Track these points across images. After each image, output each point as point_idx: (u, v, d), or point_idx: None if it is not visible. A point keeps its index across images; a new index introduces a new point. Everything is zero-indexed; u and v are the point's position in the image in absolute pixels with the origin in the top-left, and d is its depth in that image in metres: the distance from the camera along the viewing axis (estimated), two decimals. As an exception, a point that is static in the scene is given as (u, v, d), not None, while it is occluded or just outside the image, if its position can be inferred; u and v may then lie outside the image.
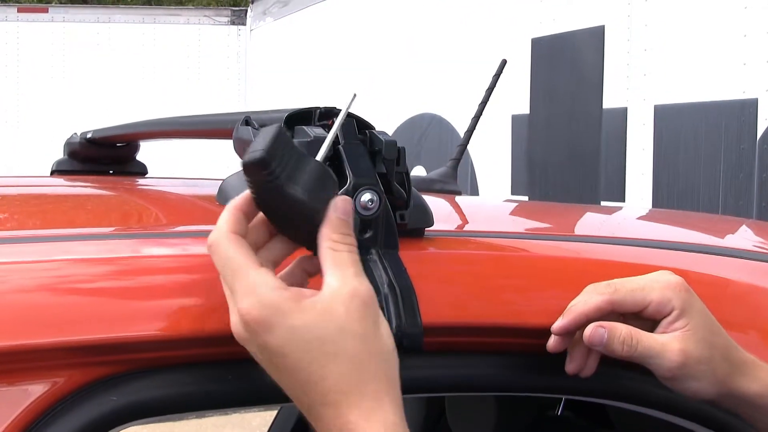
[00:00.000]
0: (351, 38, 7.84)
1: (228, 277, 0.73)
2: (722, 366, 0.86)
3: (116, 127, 1.55)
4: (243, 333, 0.72)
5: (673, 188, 4.42)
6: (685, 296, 0.86)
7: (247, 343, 0.73)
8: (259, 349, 0.72)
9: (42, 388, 0.74)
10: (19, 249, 0.82)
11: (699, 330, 0.86)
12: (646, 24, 4.60)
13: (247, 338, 0.73)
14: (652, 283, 0.87)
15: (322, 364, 0.71)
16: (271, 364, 0.73)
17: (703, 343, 0.85)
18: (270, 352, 0.72)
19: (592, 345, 0.86)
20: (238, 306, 0.72)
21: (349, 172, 0.84)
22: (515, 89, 5.31)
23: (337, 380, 0.71)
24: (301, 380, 0.72)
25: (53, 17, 9.96)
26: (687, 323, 0.85)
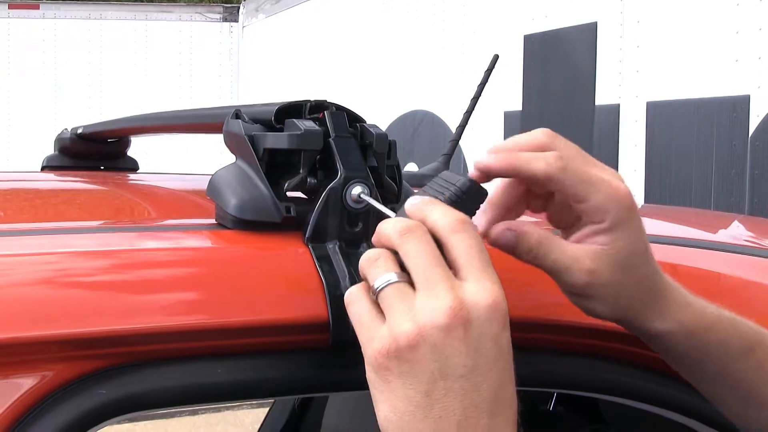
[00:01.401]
0: (343, 35, 7.84)
1: (482, 259, 0.68)
2: (633, 295, 0.79)
3: (106, 123, 1.55)
4: (483, 312, 0.66)
5: (665, 185, 4.43)
6: (624, 213, 0.77)
7: (470, 327, 0.65)
8: (484, 338, 0.65)
9: (31, 381, 0.74)
10: (6, 243, 0.82)
11: (620, 252, 0.77)
12: (639, 20, 4.60)
13: (481, 320, 0.66)
14: (602, 183, 0.76)
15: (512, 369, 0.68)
16: (483, 358, 0.66)
17: (618, 267, 0.77)
18: (497, 345, 0.66)
19: (498, 247, 0.78)
20: (494, 287, 0.67)
21: (339, 165, 0.84)
22: (508, 86, 5.32)
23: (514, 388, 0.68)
24: (504, 383, 0.67)
25: (44, 13, 9.94)
26: (610, 241, 0.77)
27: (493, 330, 0.66)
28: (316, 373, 0.84)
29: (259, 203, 0.85)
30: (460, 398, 0.65)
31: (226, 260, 0.84)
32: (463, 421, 0.65)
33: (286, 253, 0.85)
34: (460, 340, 0.65)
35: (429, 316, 0.65)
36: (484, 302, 0.66)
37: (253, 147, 0.86)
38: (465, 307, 0.65)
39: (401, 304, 0.67)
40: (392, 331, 0.66)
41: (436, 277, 0.67)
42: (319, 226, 0.84)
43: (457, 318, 0.65)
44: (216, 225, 0.88)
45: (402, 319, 0.66)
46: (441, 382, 0.65)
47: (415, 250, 0.68)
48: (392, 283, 0.68)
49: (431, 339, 0.65)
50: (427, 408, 0.65)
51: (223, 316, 0.79)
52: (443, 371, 0.65)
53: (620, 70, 4.70)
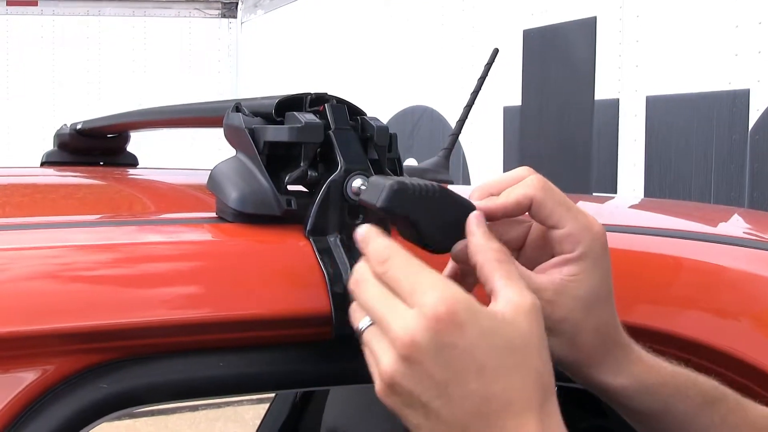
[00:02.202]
0: (342, 30, 7.83)
1: (407, 279, 0.69)
2: (589, 341, 0.77)
3: (105, 118, 1.54)
4: (423, 334, 0.66)
5: (665, 179, 4.43)
6: (596, 248, 0.76)
7: (421, 351, 0.66)
8: (439, 352, 0.66)
9: (32, 375, 0.74)
10: (6, 237, 0.82)
11: (584, 288, 0.76)
12: (638, 15, 4.60)
13: (427, 341, 0.66)
14: (579, 214, 0.77)
15: (511, 372, 0.67)
16: (446, 371, 0.66)
17: (579, 305, 0.76)
18: (454, 355, 0.66)
19: (458, 263, 0.79)
20: (424, 300, 0.67)
21: (339, 157, 0.84)
22: (507, 81, 5.31)
23: (521, 392, 0.67)
24: (481, 390, 0.66)
25: (43, 10, 9.92)
26: (576, 272, 0.76)
27: (446, 339, 0.67)
28: (318, 366, 0.84)
29: (260, 196, 0.85)
30: (452, 411, 0.67)
31: (227, 254, 0.84)
32: (464, 429, 0.67)
33: (287, 246, 0.84)
34: (422, 363, 0.67)
35: (389, 353, 0.68)
36: (424, 320, 0.67)
37: (254, 140, 0.86)
38: (409, 332, 0.67)
39: (375, 346, 0.70)
40: (378, 373, 0.69)
41: (382, 316, 0.69)
42: (319, 218, 0.84)
43: (408, 346, 0.67)
44: (217, 218, 0.88)
45: (378, 361, 0.69)
46: (431, 403, 0.67)
47: (363, 298, 0.72)
48: (365, 329, 0.72)
49: (401, 373, 0.67)
50: (434, 427, 0.68)
51: (224, 310, 0.79)
52: (426, 394, 0.67)
53: (620, 64, 4.69)
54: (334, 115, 0.86)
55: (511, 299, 0.69)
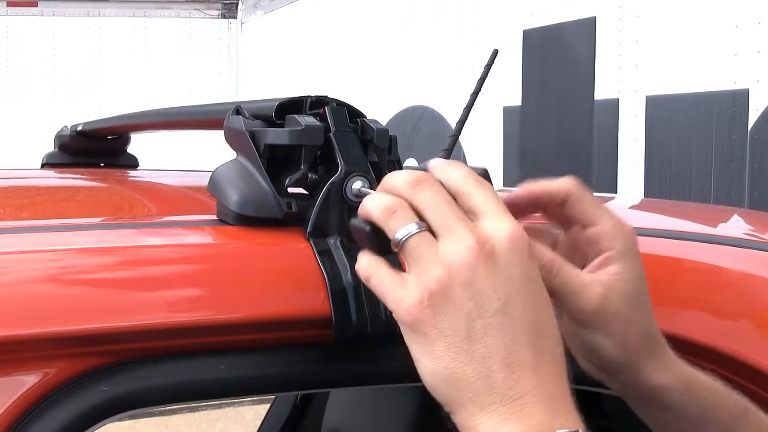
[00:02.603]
0: (342, 31, 7.84)
1: (497, 202, 0.69)
2: (638, 338, 0.77)
3: (106, 120, 1.55)
4: (510, 242, 0.66)
5: (665, 179, 4.43)
6: (631, 245, 0.77)
7: (504, 255, 0.66)
8: (512, 268, 0.66)
9: (33, 379, 0.74)
10: (6, 240, 0.82)
11: (628, 285, 0.76)
12: (638, 15, 4.60)
13: (510, 250, 0.66)
14: (611, 213, 0.78)
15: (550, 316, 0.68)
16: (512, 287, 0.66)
17: (627, 300, 0.76)
18: (526, 275, 0.66)
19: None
20: (509, 221, 0.67)
21: (340, 159, 0.84)
22: (507, 81, 5.31)
23: (555, 336, 0.68)
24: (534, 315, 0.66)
25: (43, 11, 9.93)
26: (620, 270, 0.76)
27: (518, 259, 0.67)
28: (319, 368, 0.84)
29: (260, 199, 0.85)
30: (501, 334, 0.65)
31: (227, 256, 0.84)
32: (506, 358, 0.65)
33: (288, 248, 0.85)
34: (489, 273, 0.65)
35: (454, 256, 0.66)
36: (505, 234, 0.67)
37: (254, 143, 0.86)
38: (487, 241, 0.66)
39: (427, 253, 0.67)
40: (422, 280, 0.67)
41: (455, 220, 0.67)
42: (320, 220, 0.84)
43: (482, 253, 0.66)
44: (217, 221, 0.88)
45: (431, 266, 0.66)
46: (478, 320, 0.65)
47: (429, 199, 0.69)
48: (415, 234, 0.68)
49: (461, 278, 0.65)
50: (469, 351, 0.65)
51: (224, 313, 0.79)
52: (479, 308, 0.65)
53: (619, 64, 4.70)
54: (334, 117, 0.86)
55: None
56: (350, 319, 0.80)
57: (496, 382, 0.65)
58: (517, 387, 0.64)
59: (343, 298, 0.81)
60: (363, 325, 0.81)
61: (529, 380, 0.65)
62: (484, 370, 0.65)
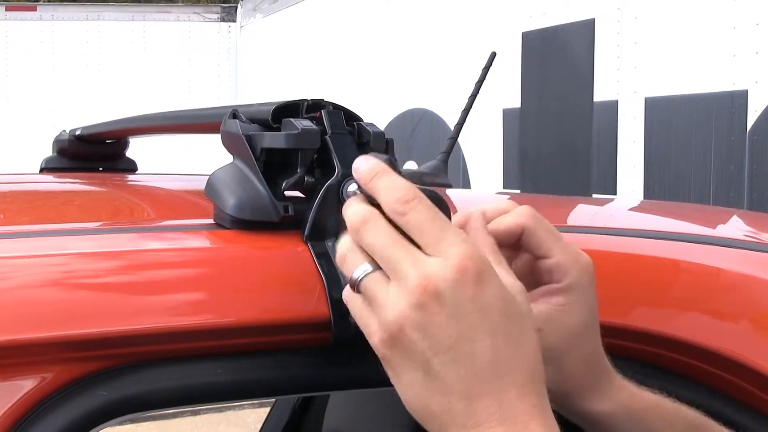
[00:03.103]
0: (341, 34, 7.84)
1: (433, 228, 0.67)
2: (576, 370, 0.78)
3: (104, 124, 1.55)
4: (446, 284, 0.65)
5: (664, 180, 4.43)
6: (584, 279, 0.77)
7: (440, 300, 0.65)
8: (457, 306, 0.65)
9: (31, 383, 0.74)
10: (4, 244, 0.82)
11: (571, 317, 0.77)
12: (636, 17, 4.60)
13: (449, 291, 0.65)
14: (568, 245, 0.78)
15: (517, 343, 0.67)
16: (459, 326, 0.65)
17: (566, 334, 0.77)
18: (470, 311, 0.65)
19: None
20: (452, 251, 0.65)
21: (336, 162, 0.84)
22: (506, 83, 5.32)
23: (524, 365, 0.67)
24: (489, 352, 0.65)
25: (42, 15, 9.94)
26: (564, 303, 0.77)
27: (468, 291, 0.66)
28: (317, 372, 0.84)
29: (257, 203, 0.85)
30: (455, 369, 0.65)
31: (224, 260, 0.84)
32: (465, 390, 0.65)
33: (285, 251, 0.84)
34: (437, 312, 0.65)
35: (401, 301, 0.66)
36: (450, 268, 0.66)
37: (251, 147, 0.86)
38: (431, 280, 0.65)
39: (380, 294, 0.68)
40: (380, 321, 0.68)
41: (398, 260, 0.67)
42: (317, 223, 0.84)
43: (426, 292, 0.65)
44: (214, 225, 0.88)
45: (383, 309, 0.67)
46: (434, 359, 0.66)
47: (373, 240, 0.69)
48: (367, 275, 0.69)
49: (410, 321, 0.66)
50: (431, 387, 0.66)
51: (222, 316, 0.79)
52: (432, 348, 0.66)
53: (618, 66, 4.70)
54: (330, 121, 0.86)
55: (508, 281, 0.70)
56: (348, 322, 0.80)
57: (457, 413, 0.65)
58: (477, 416, 0.65)
59: (341, 300, 0.80)
60: None
61: (488, 408, 0.65)
62: (446, 403, 0.66)
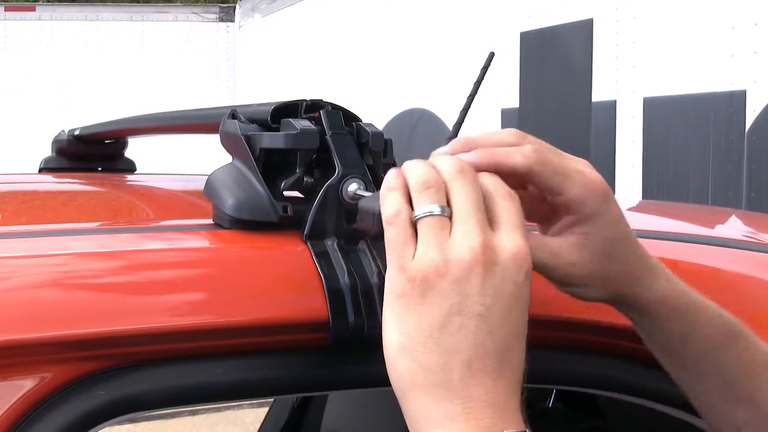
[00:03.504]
0: (340, 34, 7.84)
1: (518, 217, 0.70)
2: (618, 275, 0.79)
3: (103, 124, 1.55)
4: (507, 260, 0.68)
5: (662, 180, 4.43)
6: (600, 202, 0.78)
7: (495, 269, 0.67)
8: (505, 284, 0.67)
9: (30, 383, 0.74)
10: (3, 245, 0.82)
11: (601, 241, 0.78)
12: (635, 16, 4.60)
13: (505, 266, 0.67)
14: (577, 174, 0.77)
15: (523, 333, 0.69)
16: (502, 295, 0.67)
17: (600, 256, 0.78)
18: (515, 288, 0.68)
19: None
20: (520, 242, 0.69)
21: (337, 162, 0.84)
22: (505, 83, 5.32)
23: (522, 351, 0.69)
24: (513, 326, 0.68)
25: (41, 15, 9.93)
26: (590, 231, 0.77)
27: (513, 277, 0.68)
28: (317, 371, 0.84)
29: (256, 203, 0.85)
30: (472, 336, 0.66)
31: (224, 260, 0.84)
32: (469, 359, 0.66)
33: (285, 251, 0.85)
34: (482, 279, 0.67)
35: (457, 251, 0.67)
36: (510, 250, 0.68)
37: (250, 147, 0.86)
38: (492, 249, 0.68)
39: (437, 236, 0.68)
40: (421, 259, 0.68)
41: (474, 219, 0.69)
42: (317, 223, 0.84)
43: (482, 258, 0.67)
44: (213, 225, 0.88)
45: (433, 250, 0.68)
46: (457, 317, 0.66)
47: (462, 190, 0.70)
48: (434, 215, 0.69)
49: (455, 273, 0.67)
50: (438, 340, 0.66)
51: (222, 316, 0.79)
52: (461, 306, 0.67)
53: (616, 66, 4.70)
54: (329, 121, 0.86)
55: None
56: (347, 322, 0.80)
57: (453, 378, 0.66)
58: (471, 389, 0.66)
59: (340, 300, 0.81)
60: (360, 328, 0.81)
61: (483, 386, 0.66)
62: (445, 363, 0.66)
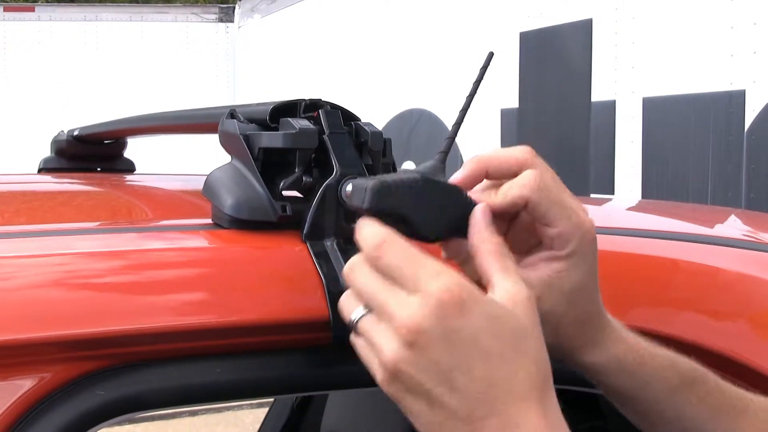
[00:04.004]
0: (339, 34, 7.83)
1: (408, 267, 0.68)
2: (572, 330, 0.79)
3: (102, 124, 1.54)
4: (429, 321, 0.66)
5: (662, 180, 4.43)
6: (585, 246, 0.78)
7: (427, 337, 0.66)
8: (444, 338, 0.66)
9: (29, 383, 0.74)
10: (2, 245, 0.82)
11: (570, 283, 0.78)
12: (634, 17, 4.60)
13: (433, 326, 0.66)
14: (571, 212, 0.77)
15: (514, 359, 0.68)
16: (451, 357, 0.67)
17: (564, 299, 0.78)
18: (460, 341, 0.67)
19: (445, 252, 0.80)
20: (428, 287, 0.66)
21: (335, 161, 0.84)
22: (504, 83, 5.31)
23: (523, 379, 0.68)
24: (486, 376, 0.67)
25: (40, 16, 9.92)
26: (564, 269, 0.77)
27: (452, 324, 0.67)
28: (317, 371, 0.84)
29: (255, 203, 0.85)
30: (456, 397, 0.67)
31: (222, 260, 0.84)
32: (467, 416, 0.67)
33: (284, 251, 0.85)
34: (427, 350, 0.67)
35: (393, 341, 0.68)
36: (429, 306, 0.67)
37: (249, 146, 0.86)
38: (414, 319, 0.67)
39: (374, 336, 0.70)
40: (378, 362, 0.69)
41: (383, 303, 0.69)
42: (316, 223, 0.84)
43: (412, 332, 0.67)
44: (212, 225, 0.88)
45: (378, 350, 0.69)
46: (434, 390, 0.67)
47: (361, 287, 0.71)
48: (361, 318, 0.71)
49: (404, 359, 0.67)
50: (436, 413, 0.68)
51: (221, 316, 0.79)
52: (430, 380, 0.67)
53: (616, 66, 4.70)
54: (328, 120, 0.86)
55: (509, 290, 0.70)
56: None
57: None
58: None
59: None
60: None
61: (491, 427, 0.67)
62: (452, 428, 0.67)
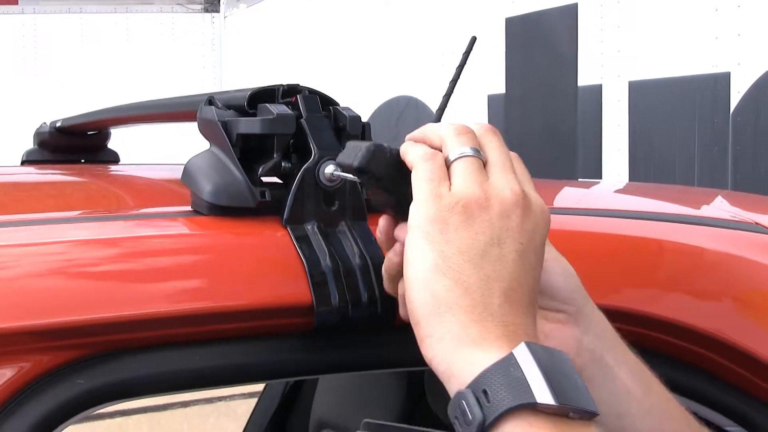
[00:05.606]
0: (325, 23, 7.82)
1: (521, 168, 0.75)
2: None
3: (84, 115, 1.53)
4: (541, 213, 0.72)
5: (649, 163, 4.44)
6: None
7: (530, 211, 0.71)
8: (540, 236, 0.71)
9: (8, 373, 0.73)
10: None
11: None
12: (619, 1, 4.60)
13: (537, 214, 0.71)
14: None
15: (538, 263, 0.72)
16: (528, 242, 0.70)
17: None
18: (541, 245, 0.72)
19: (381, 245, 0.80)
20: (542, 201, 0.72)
21: (312, 144, 0.84)
22: (490, 69, 5.31)
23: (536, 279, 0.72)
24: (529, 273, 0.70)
25: (23, 9, 9.87)
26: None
27: (543, 229, 0.72)
28: (301, 356, 0.84)
29: (234, 189, 0.84)
30: (510, 270, 0.69)
31: (202, 246, 0.84)
32: (507, 289, 0.68)
33: (264, 236, 0.84)
34: (521, 220, 0.70)
35: (499, 190, 0.71)
36: (541, 204, 0.73)
37: (227, 133, 0.86)
38: (528, 198, 0.72)
39: (475, 174, 0.71)
40: (462, 190, 0.70)
41: (510, 167, 0.73)
42: (296, 207, 0.84)
43: (522, 201, 0.71)
44: (192, 212, 0.88)
45: (474, 184, 0.71)
46: (497, 248, 0.69)
47: (498, 144, 0.75)
48: (470, 156, 0.72)
49: (498, 208, 0.70)
50: (479, 266, 0.68)
51: (202, 302, 0.79)
52: (502, 240, 0.69)
53: (601, 50, 4.70)
54: (306, 105, 0.86)
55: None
56: (331, 305, 0.80)
57: (493, 303, 0.68)
58: (507, 317, 0.67)
59: (323, 284, 0.80)
60: (344, 311, 0.80)
61: (518, 317, 0.68)
62: (486, 287, 0.68)
